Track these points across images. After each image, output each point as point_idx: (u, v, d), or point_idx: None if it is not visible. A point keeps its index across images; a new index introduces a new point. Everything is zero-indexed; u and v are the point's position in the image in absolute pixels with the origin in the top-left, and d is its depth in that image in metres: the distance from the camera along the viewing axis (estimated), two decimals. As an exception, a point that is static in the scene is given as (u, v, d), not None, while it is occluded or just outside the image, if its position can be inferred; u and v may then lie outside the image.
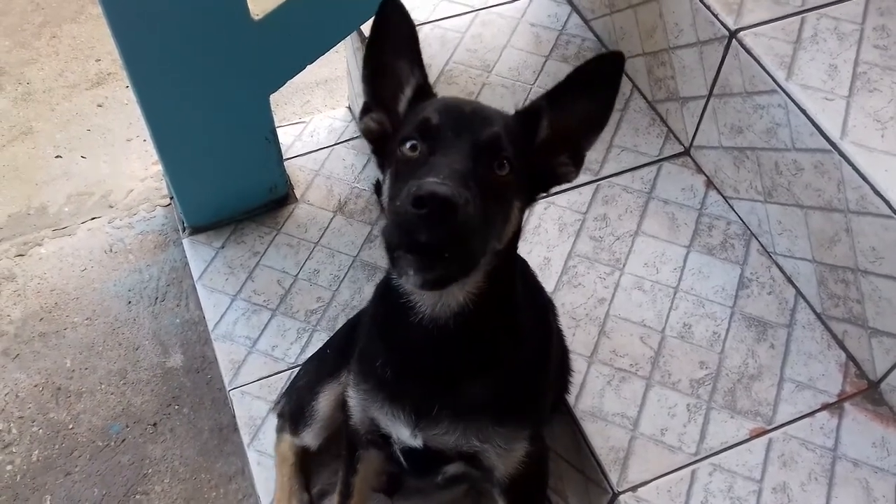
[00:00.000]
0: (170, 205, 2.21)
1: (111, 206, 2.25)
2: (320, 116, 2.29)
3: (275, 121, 1.89)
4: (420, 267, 0.88)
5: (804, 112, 1.48)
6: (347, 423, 1.29)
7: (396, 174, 0.97)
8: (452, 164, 0.89)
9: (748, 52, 1.57)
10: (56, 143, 2.43)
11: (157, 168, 2.32)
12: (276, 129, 1.91)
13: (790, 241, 1.61)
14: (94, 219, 2.21)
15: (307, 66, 1.79)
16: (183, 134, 1.77)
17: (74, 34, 2.76)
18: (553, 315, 1.35)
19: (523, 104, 1.18)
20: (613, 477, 1.41)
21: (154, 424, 1.84)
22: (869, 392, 1.50)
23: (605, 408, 1.49)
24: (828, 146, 1.45)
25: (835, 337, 1.56)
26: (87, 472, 1.77)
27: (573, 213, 1.77)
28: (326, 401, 1.51)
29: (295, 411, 1.57)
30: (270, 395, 1.72)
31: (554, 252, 1.71)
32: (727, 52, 1.62)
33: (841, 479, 1.41)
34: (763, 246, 1.70)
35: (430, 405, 1.12)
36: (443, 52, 2.02)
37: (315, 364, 1.62)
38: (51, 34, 2.75)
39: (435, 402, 1.11)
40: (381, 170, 1.06)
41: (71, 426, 1.83)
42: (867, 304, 1.46)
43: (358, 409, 1.23)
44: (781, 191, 1.59)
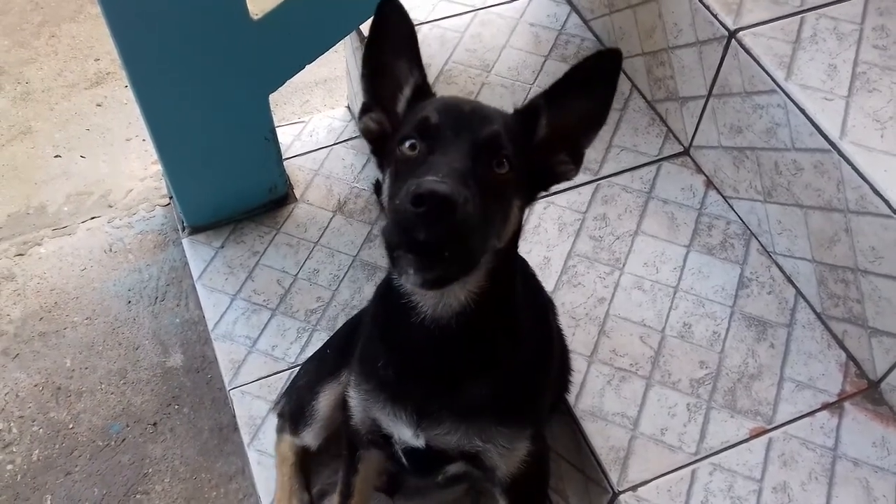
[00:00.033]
0: (169, 204, 2.21)
1: (110, 206, 2.25)
2: (320, 116, 2.29)
3: (274, 120, 1.88)
4: (420, 266, 0.88)
5: (803, 112, 1.49)
6: (348, 423, 1.28)
7: (396, 173, 0.97)
8: (452, 162, 0.89)
9: (747, 51, 1.57)
10: (55, 142, 2.43)
11: (157, 168, 2.32)
12: (276, 129, 1.90)
13: (790, 240, 1.61)
14: (93, 218, 2.21)
15: (306, 66, 1.79)
16: (182, 133, 1.77)
17: (73, 34, 2.75)
18: (553, 314, 1.35)
19: (522, 103, 1.18)
20: (613, 476, 1.41)
21: (154, 424, 1.84)
22: (869, 392, 1.50)
23: (606, 407, 1.49)
24: (827, 146, 1.45)
25: (835, 337, 1.57)
26: (88, 471, 1.76)
27: (573, 212, 1.77)
28: (326, 401, 1.51)
29: (295, 411, 1.57)
30: (270, 395, 1.72)
31: (554, 252, 1.71)
32: (726, 52, 1.62)
33: (841, 478, 1.41)
34: (763, 246, 1.70)
35: (432, 405, 1.11)
36: (442, 52, 2.02)
37: (315, 364, 1.62)
38: (50, 34, 2.75)
39: (437, 403, 1.11)
40: (381, 169, 1.06)
41: (71, 426, 1.83)
42: (867, 303, 1.46)
43: (359, 409, 1.22)
44: (781, 190, 1.59)
